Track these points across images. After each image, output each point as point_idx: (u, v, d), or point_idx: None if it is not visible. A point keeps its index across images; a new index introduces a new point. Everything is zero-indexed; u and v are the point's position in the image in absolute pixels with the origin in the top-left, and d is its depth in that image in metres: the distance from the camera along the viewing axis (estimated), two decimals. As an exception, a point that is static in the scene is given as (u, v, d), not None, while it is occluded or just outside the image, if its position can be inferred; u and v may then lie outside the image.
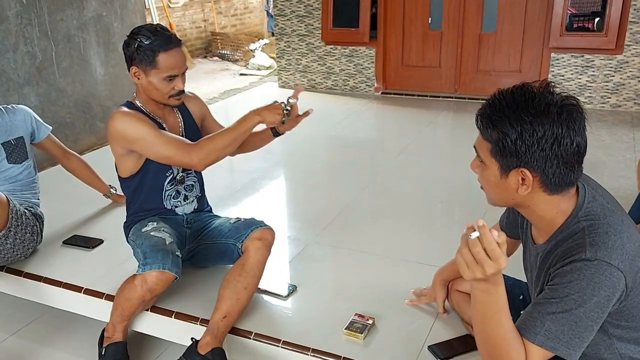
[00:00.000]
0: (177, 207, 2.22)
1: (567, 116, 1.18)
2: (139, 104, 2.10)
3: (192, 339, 1.93)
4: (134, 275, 1.93)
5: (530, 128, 1.17)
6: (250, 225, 2.08)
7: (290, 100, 2.11)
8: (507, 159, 1.22)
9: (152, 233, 2.03)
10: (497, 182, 1.27)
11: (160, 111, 2.14)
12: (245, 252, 2.03)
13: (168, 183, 2.17)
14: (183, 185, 2.21)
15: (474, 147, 1.33)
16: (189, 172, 2.21)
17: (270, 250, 2.06)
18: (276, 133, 2.23)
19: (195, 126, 2.24)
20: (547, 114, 1.17)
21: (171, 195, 2.20)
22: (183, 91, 2.07)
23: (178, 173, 2.18)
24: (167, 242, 1.99)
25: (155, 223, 2.10)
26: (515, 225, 1.53)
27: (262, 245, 2.02)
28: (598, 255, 1.16)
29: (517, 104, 1.20)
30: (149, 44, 1.95)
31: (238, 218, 2.18)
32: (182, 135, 2.16)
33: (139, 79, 2.02)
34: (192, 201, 2.26)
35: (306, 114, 2.15)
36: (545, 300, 1.20)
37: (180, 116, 2.19)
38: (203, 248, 2.19)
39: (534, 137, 1.18)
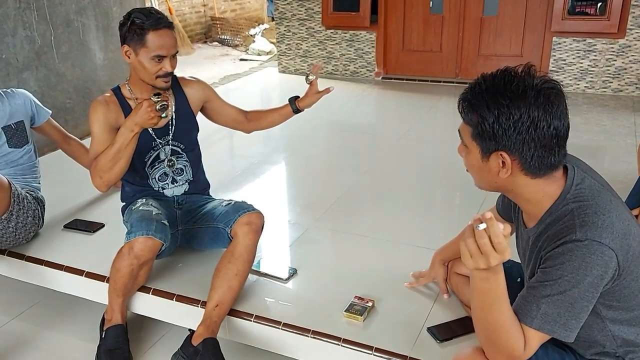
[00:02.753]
0: (164, 189, 2.24)
1: (544, 100, 1.18)
2: (127, 88, 2.14)
3: (189, 330, 1.95)
4: (122, 246, 1.96)
5: (506, 111, 1.18)
6: (238, 209, 2.07)
7: (310, 77, 2.22)
8: (486, 142, 1.24)
9: (140, 208, 2.07)
10: (480, 166, 1.29)
11: (149, 94, 2.10)
12: (234, 237, 2.02)
13: (149, 166, 2.19)
14: (172, 169, 2.22)
15: (458, 131, 1.33)
16: (180, 155, 2.22)
17: (259, 234, 2.05)
18: (296, 110, 2.31)
19: (189, 112, 2.24)
20: (524, 98, 1.18)
21: (156, 177, 2.21)
22: (171, 74, 2.07)
23: (166, 157, 2.19)
24: (154, 213, 2.01)
25: (144, 199, 2.14)
26: (509, 208, 1.54)
27: (250, 230, 2.00)
28: (588, 235, 1.16)
29: (496, 88, 1.21)
30: (140, 22, 1.97)
31: (230, 201, 2.18)
32: (172, 121, 2.18)
33: (129, 58, 2.04)
34: (182, 184, 2.26)
35: (327, 90, 2.25)
36: (539, 283, 1.21)
37: (173, 103, 2.19)
38: (197, 231, 2.20)
39: (510, 121, 1.19)
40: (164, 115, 1.94)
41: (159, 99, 1.93)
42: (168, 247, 2.07)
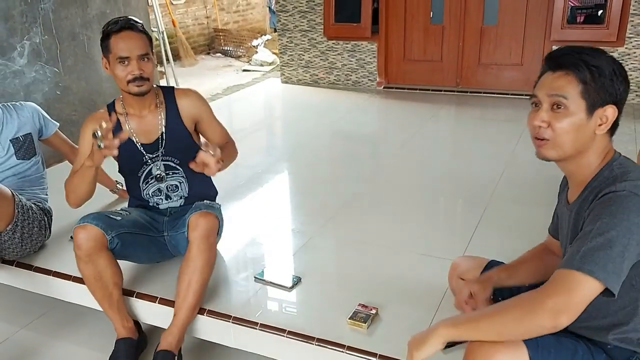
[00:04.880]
0: (159, 204, 2.23)
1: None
2: (120, 102, 2.14)
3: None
4: None
5: (619, 67, 1.30)
6: (191, 211, 1.98)
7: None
8: (599, 96, 1.30)
9: None
10: (579, 125, 1.32)
11: (138, 108, 2.11)
12: (189, 243, 1.96)
13: (143, 182, 2.19)
14: (165, 185, 2.20)
15: (549, 95, 1.33)
16: (176, 171, 2.19)
17: (209, 239, 1.94)
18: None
19: (181, 126, 2.16)
20: (619, 65, 1.31)
21: (150, 192, 2.21)
22: (143, 78, 1.99)
23: (157, 171, 2.17)
24: (109, 211, 2.05)
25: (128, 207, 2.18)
26: (558, 224, 1.58)
27: (198, 235, 1.92)
28: (627, 187, 1.24)
29: (604, 55, 1.31)
30: (105, 30, 1.98)
31: (201, 202, 2.14)
32: (163, 136, 2.14)
33: (107, 69, 2.03)
34: (177, 200, 2.24)
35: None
36: (581, 234, 1.26)
37: (163, 116, 2.15)
38: (178, 237, 2.14)
39: (622, 75, 1.30)
40: (100, 144, 1.79)
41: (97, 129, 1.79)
42: (140, 250, 2.09)
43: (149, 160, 2.16)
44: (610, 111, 1.30)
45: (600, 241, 1.20)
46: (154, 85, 2.13)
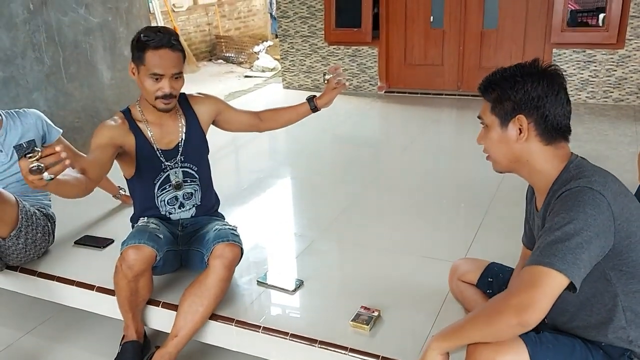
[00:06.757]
0: (171, 213, 2.21)
1: (548, 75, 1.39)
2: (138, 109, 2.11)
3: (155, 347, 1.99)
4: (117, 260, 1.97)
5: (521, 81, 1.38)
6: (217, 238, 2.00)
7: (327, 76, 2.25)
8: (504, 109, 1.40)
9: (139, 224, 2.09)
10: (499, 138, 1.43)
11: (158, 116, 2.11)
12: (208, 267, 1.98)
13: (159, 189, 2.16)
14: (181, 192, 2.19)
15: (478, 117, 1.49)
16: (193, 178, 2.20)
17: (232, 269, 2.00)
18: (314, 108, 2.32)
19: (200, 131, 2.21)
20: (533, 74, 1.39)
21: (165, 200, 2.19)
22: (172, 96, 2.00)
23: (175, 178, 2.16)
24: (150, 227, 2.01)
25: (146, 219, 2.14)
26: (532, 234, 1.59)
27: (221, 264, 1.95)
28: (580, 183, 1.29)
29: (509, 71, 1.43)
30: (144, 40, 1.94)
31: (223, 225, 2.13)
32: (181, 143, 2.14)
33: (134, 75, 2.01)
34: (189, 209, 2.23)
35: (343, 86, 2.24)
36: (542, 231, 1.30)
37: (183, 123, 2.16)
38: (192, 253, 2.16)
39: (525, 87, 1.37)
40: (47, 177, 1.46)
41: (31, 156, 1.44)
42: (169, 264, 2.09)
43: (167, 167, 2.15)
44: (522, 120, 1.38)
45: (558, 235, 1.23)
46: None
